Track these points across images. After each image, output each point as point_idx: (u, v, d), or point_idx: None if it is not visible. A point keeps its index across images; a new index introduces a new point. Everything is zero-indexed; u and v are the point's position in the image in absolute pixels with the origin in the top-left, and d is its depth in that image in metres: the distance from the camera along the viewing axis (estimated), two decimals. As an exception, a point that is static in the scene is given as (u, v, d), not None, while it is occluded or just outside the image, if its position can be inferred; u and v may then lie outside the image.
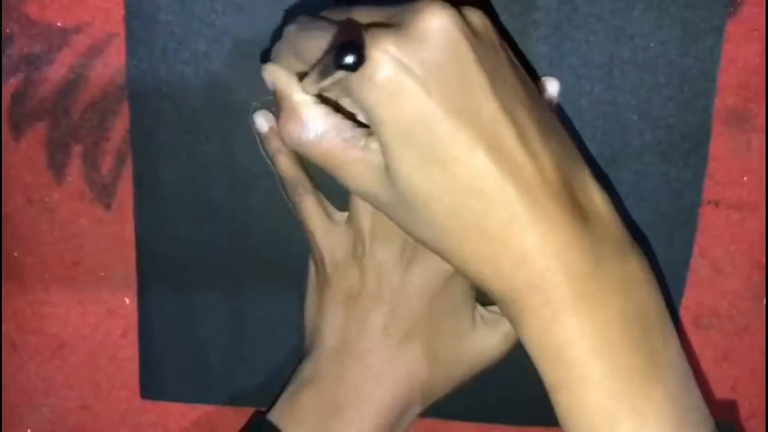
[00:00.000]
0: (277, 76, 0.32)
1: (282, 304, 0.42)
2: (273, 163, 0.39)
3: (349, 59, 0.24)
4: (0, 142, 0.40)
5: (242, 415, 0.42)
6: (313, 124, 0.31)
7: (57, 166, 0.41)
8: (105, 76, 0.39)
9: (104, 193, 0.41)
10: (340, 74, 0.26)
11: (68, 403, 0.44)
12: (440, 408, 0.39)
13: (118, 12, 0.38)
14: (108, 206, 0.41)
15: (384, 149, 0.28)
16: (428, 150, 0.27)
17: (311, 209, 0.38)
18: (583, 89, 0.38)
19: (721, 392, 0.42)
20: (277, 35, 0.35)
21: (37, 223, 0.42)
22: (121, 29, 0.39)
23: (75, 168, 0.41)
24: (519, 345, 0.38)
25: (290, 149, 0.38)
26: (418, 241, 0.30)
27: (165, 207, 0.41)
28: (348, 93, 0.29)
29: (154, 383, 0.43)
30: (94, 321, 0.43)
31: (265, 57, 0.35)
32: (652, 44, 0.37)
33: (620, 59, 0.37)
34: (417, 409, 0.38)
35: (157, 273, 0.42)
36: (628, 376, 0.28)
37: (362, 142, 0.30)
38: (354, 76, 0.26)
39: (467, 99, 0.27)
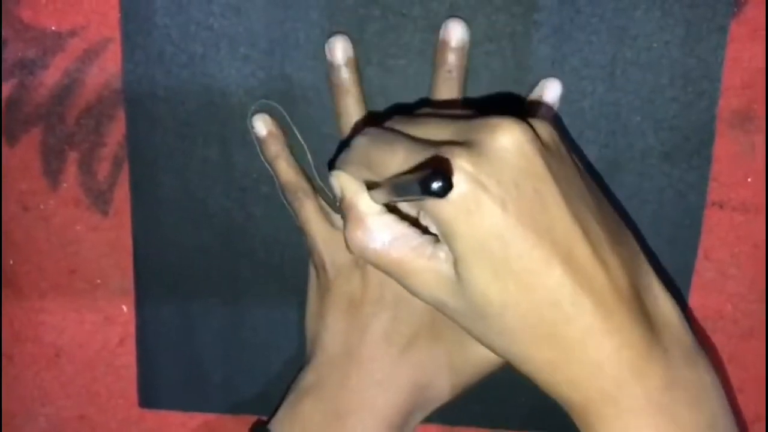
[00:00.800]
0: (346, 184, 0.32)
1: (281, 311, 0.41)
2: (272, 167, 0.39)
3: (437, 187, 0.24)
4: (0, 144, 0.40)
5: (242, 423, 0.42)
6: (380, 233, 0.31)
7: (52, 173, 0.40)
8: (101, 80, 0.39)
9: (100, 200, 0.41)
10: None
11: (65, 413, 0.44)
12: (444, 414, 0.39)
13: (114, 15, 0.38)
14: (104, 213, 0.41)
15: (457, 261, 0.29)
16: (503, 264, 0.28)
17: (312, 214, 0.38)
18: (586, 90, 0.37)
19: (725, 395, 0.42)
20: (343, 145, 0.35)
21: (33, 230, 0.41)
22: (116, 33, 0.38)
23: (71, 174, 0.40)
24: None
25: (289, 159, 0.38)
26: (490, 348, 0.31)
27: (162, 213, 0.40)
28: (420, 206, 0.29)
29: (153, 391, 0.43)
30: (91, 329, 0.43)
31: (331, 164, 0.35)
32: (655, 45, 0.37)
33: (623, 60, 0.37)
34: (420, 415, 0.38)
35: (154, 280, 0.41)
36: None
37: (429, 251, 0.30)
38: None
39: (542, 214, 0.27)
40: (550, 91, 0.36)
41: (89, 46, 0.39)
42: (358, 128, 0.37)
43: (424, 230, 0.31)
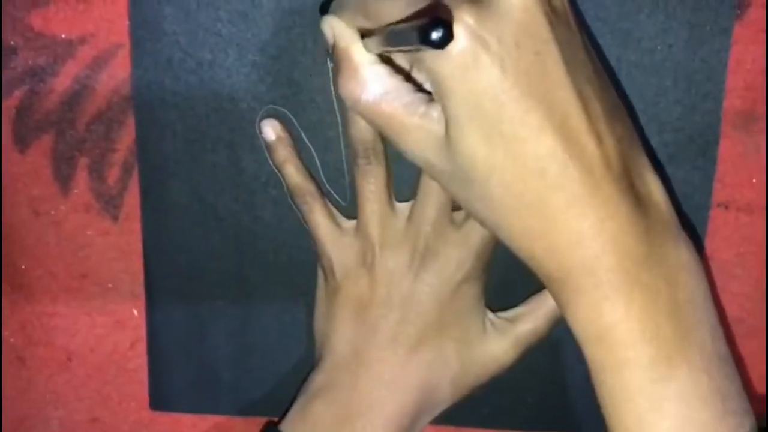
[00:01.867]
0: (340, 31, 0.31)
1: (290, 313, 0.42)
2: (280, 171, 0.39)
3: (437, 36, 0.23)
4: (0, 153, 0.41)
5: (252, 425, 0.42)
6: (374, 85, 0.30)
7: (63, 178, 0.41)
8: (110, 87, 0.39)
9: (111, 205, 0.41)
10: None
11: (77, 416, 0.44)
12: (451, 415, 0.39)
13: (123, 23, 0.38)
14: (115, 217, 0.41)
15: (448, 120, 0.28)
16: (495, 126, 0.27)
17: (319, 218, 0.38)
18: (591, 93, 0.37)
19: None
20: None
21: (44, 235, 0.42)
22: (126, 40, 0.39)
23: (81, 180, 0.41)
24: (529, 351, 0.38)
25: (294, 161, 0.38)
26: (470, 212, 0.30)
27: (172, 217, 0.40)
28: (415, 59, 0.28)
29: (164, 394, 0.43)
30: (102, 332, 0.43)
31: (324, 8, 0.34)
32: (659, 47, 0.37)
33: (627, 63, 0.37)
34: (428, 416, 0.38)
35: (164, 283, 0.41)
36: (675, 363, 0.28)
37: (422, 109, 0.29)
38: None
39: (540, 79, 0.27)
40: None
41: (99, 53, 0.39)
42: (364, 131, 0.37)
43: (418, 87, 0.30)
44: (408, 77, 0.31)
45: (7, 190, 0.41)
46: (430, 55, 0.27)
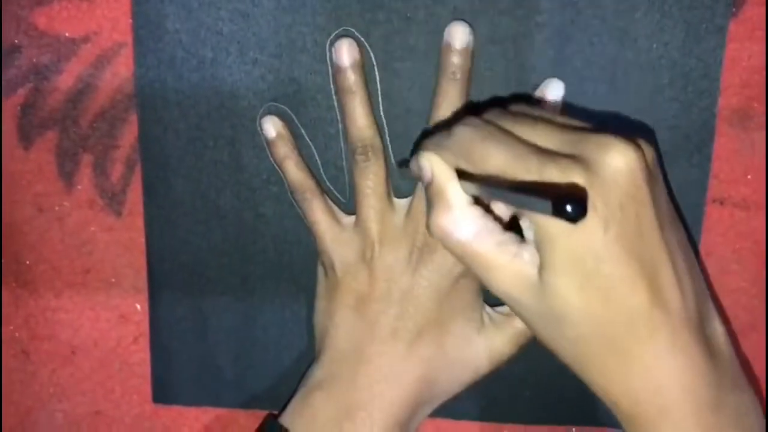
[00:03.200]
0: (439, 169, 0.32)
1: (291, 308, 0.42)
2: (281, 168, 0.39)
3: (571, 211, 0.24)
4: (0, 150, 0.41)
5: (254, 418, 0.43)
6: (467, 225, 0.31)
7: (67, 175, 0.41)
8: (113, 85, 0.40)
9: (114, 201, 0.41)
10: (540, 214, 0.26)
11: (81, 409, 0.45)
12: (450, 408, 0.40)
13: (126, 21, 0.39)
14: (118, 213, 0.42)
15: (545, 266, 0.29)
16: (592, 279, 0.28)
17: (319, 214, 0.39)
18: (587, 91, 0.38)
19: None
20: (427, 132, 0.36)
21: (48, 231, 0.42)
22: (128, 38, 0.39)
23: (85, 176, 0.41)
24: (526, 345, 0.39)
25: (299, 168, 0.39)
26: (551, 349, 0.32)
27: (174, 213, 0.41)
28: (523, 212, 0.30)
29: (166, 388, 0.44)
30: (105, 327, 0.43)
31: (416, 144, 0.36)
32: (655, 45, 0.37)
33: (624, 61, 0.37)
34: (427, 409, 0.39)
35: (167, 279, 0.42)
36: None
37: (514, 249, 0.31)
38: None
39: (638, 238, 0.28)
40: (553, 91, 0.37)
41: (102, 51, 0.39)
42: (362, 128, 0.37)
43: (505, 225, 0.32)
44: (494, 215, 0.32)
45: (12, 187, 0.41)
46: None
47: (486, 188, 0.29)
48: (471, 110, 0.36)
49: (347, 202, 0.40)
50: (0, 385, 0.45)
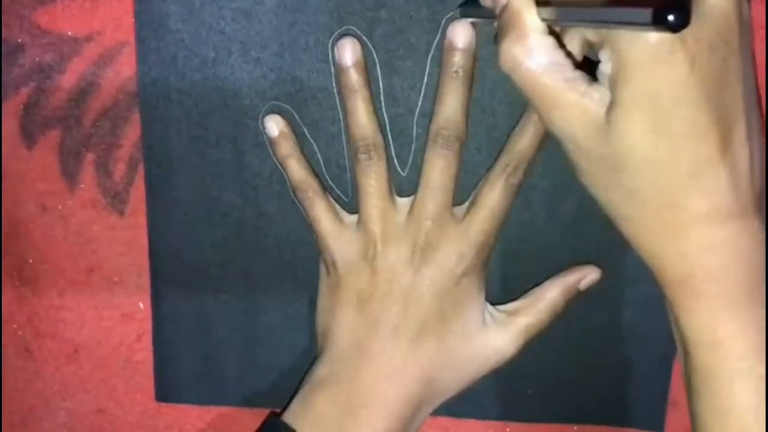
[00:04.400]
0: None
1: (293, 306, 0.42)
2: (283, 167, 0.39)
3: (674, 18, 0.23)
4: (0, 150, 0.41)
5: (257, 416, 0.43)
6: (540, 54, 0.29)
7: (70, 174, 0.41)
8: (116, 84, 0.40)
9: (117, 200, 0.41)
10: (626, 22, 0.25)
11: (84, 407, 0.45)
12: (452, 406, 0.40)
13: (128, 20, 0.39)
14: (121, 212, 0.42)
15: (616, 104, 0.28)
16: (666, 121, 0.27)
17: (321, 212, 0.39)
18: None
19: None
20: None
21: (51, 230, 0.42)
22: (131, 37, 0.39)
23: (88, 175, 0.41)
24: (528, 344, 0.39)
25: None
26: (600, 199, 0.30)
27: (177, 212, 0.41)
28: (603, 38, 0.28)
29: (169, 386, 0.44)
30: (109, 325, 0.43)
31: None
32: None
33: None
34: (429, 407, 0.39)
35: (170, 277, 0.42)
36: None
37: (583, 87, 0.29)
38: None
39: (720, 86, 0.27)
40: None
41: (105, 50, 0.39)
42: (365, 127, 0.37)
43: (576, 65, 0.30)
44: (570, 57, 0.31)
45: (15, 186, 0.42)
46: (626, 37, 0.27)
47: (570, 9, 0.28)
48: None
49: (349, 200, 0.40)
50: (2, 383, 0.45)
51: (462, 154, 0.38)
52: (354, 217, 0.39)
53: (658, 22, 0.23)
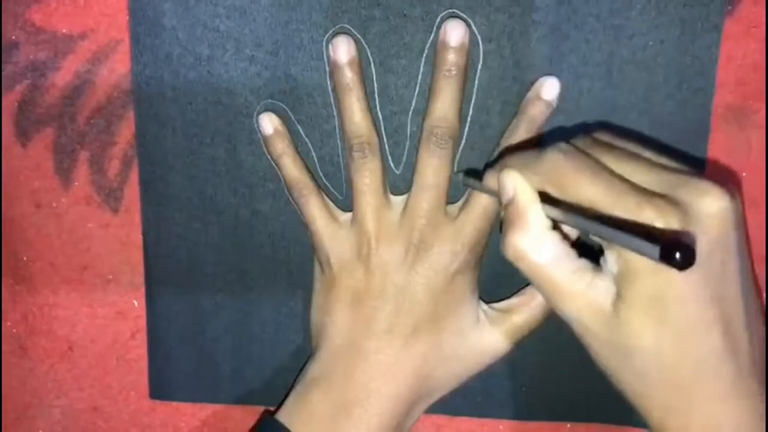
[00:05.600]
0: (522, 189, 0.32)
1: (288, 304, 0.42)
2: (277, 165, 0.39)
3: (680, 259, 0.25)
4: (0, 147, 0.41)
5: (251, 414, 0.43)
6: (545, 248, 0.31)
7: (64, 172, 0.41)
8: (110, 81, 0.40)
9: (111, 198, 0.41)
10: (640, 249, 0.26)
11: (79, 405, 0.45)
12: (446, 404, 0.40)
13: (123, 18, 0.39)
14: (115, 210, 0.42)
15: (622, 300, 0.30)
16: (670, 319, 0.29)
17: (316, 211, 0.39)
18: (583, 88, 0.38)
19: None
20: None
21: (45, 227, 0.42)
22: (125, 35, 0.39)
23: (82, 173, 0.41)
24: (522, 341, 0.39)
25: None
26: (614, 379, 0.32)
27: (171, 210, 0.41)
28: (612, 245, 0.30)
29: (164, 384, 0.44)
30: (103, 323, 0.43)
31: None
32: (650, 43, 0.37)
33: (619, 58, 0.37)
34: (423, 405, 0.39)
35: (164, 275, 0.42)
36: None
37: (588, 278, 0.31)
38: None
39: (720, 284, 0.29)
40: (548, 89, 0.37)
41: (99, 48, 0.39)
42: (359, 125, 0.38)
43: (579, 252, 0.32)
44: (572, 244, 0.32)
45: (9, 183, 0.42)
46: (633, 252, 0.28)
47: (574, 217, 0.29)
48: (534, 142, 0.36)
49: (344, 198, 0.40)
50: (-2, 380, 0.45)
51: (455, 153, 0.38)
52: (348, 216, 0.39)
53: (665, 260, 0.25)
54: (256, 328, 0.42)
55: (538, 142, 0.37)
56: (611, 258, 0.30)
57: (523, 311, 0.39)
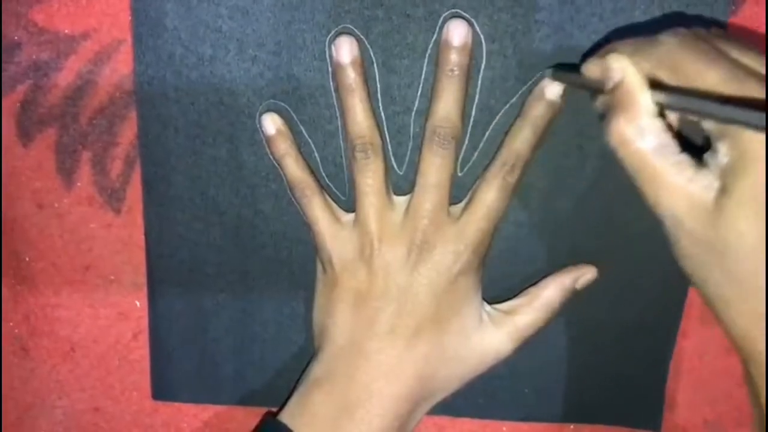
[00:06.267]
0: (631, 73, 0.30)
1: (290, 305, 0.42)
2: (280, 165, 0.39)
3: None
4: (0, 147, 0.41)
5: (252, 415, 0.43)
6: (650, 136, 0.30)
7: (66, 172, 0.41)
8: (113, 81, 0.40)
9: (113, 198, 0.41)
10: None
11: (80, 405, 0.45)
12: (448, 405, 0.40)
13: (125, 18, 0.39)
14: (117, 211, 0.42)
15: (728, 194, 0.28)
16: None
17: (318, 211, 0.39)
18: (587, 88, 0.38)
19: (725, 386, 0.42)
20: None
21: (48, 228, 0.42)
22: (127, 35, 0.39)
23: (84, 173, 0.41)
24: (525, 343, 0.39)
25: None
26: (697, 278, 0.31)
27: (174, 210, 0.41)
28: (723, 131, 0.28)
29: (166, 384, 0.44)
30: (105, 324, 0.43)
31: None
32: (654, 43, 0.37)
33: (623, 58, 0.37)
34: (426, 406, 0.39)
35: (166, 276, 0.42)
36: None
37: (690, 172, 0.29)
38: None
39: None
40: (552, 89, 0.37)
41: (101, 48, 0.39)
42: (362, 125, 0.37)
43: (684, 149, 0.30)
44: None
45: (11, 184, 0.42)
46: (749, 134, 0.27)
47: (684, 98, 0.28)
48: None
49: (346, 199, 0.40)
50: (0, 381, 0.45)
51: (458, 153, 0.38)
52: (351, 216, 0.39)
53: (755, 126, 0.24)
54: (259, 328, 0.42)
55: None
56: (723, 147, 0.28)
57: (526, 312, 0.39)
